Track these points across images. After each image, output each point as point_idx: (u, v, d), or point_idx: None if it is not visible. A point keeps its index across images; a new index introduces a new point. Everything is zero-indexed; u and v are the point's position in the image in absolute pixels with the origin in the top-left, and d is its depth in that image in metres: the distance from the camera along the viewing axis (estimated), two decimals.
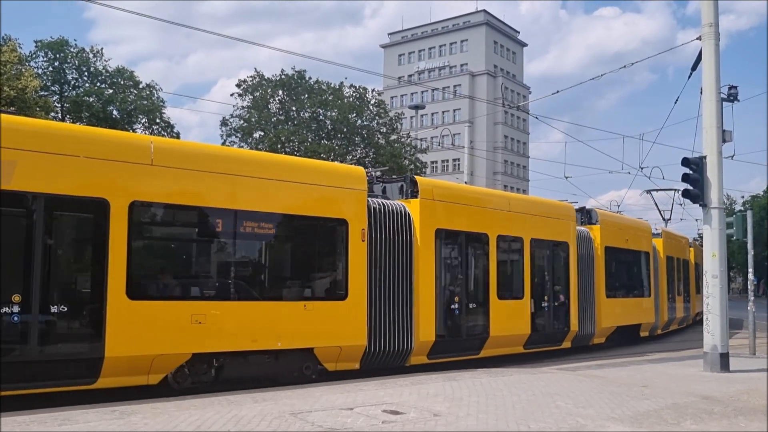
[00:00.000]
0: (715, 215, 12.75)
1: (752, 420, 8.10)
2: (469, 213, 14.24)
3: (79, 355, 8.75)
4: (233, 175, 10.25)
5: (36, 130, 8.84)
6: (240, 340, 10.08)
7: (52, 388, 8.57)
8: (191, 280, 10.17)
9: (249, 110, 50.75)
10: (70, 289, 9.06)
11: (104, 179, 8.98)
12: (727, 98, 13.71)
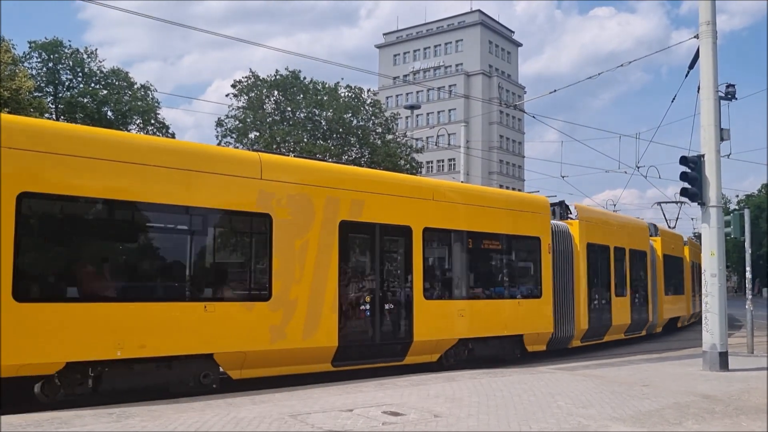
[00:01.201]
0: (713, 214, 12.73)
1: (754, 419, 8.06)
2: (603, 230, 18.41)
3: (397, 340, 12.31)
4: (473, 206, 13.97)
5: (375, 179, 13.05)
6: (489, 328, 14.00)
7: (379, 364, 11.95)
8: (455, 283, 13.70)
9: (244, 111, 50.64)
10: (394, 293, 12.57)
11: (409, 211, 12.65)
12: (724, 96, 13.68)
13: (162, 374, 9.45)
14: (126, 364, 9.05)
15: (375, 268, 12.18)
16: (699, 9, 13.09)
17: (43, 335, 8.30)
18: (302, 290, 10.80)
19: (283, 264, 10.56)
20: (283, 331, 10.48)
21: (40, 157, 8.54)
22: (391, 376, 11.16)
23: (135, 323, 9.02)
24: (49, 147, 8.63)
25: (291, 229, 10.73)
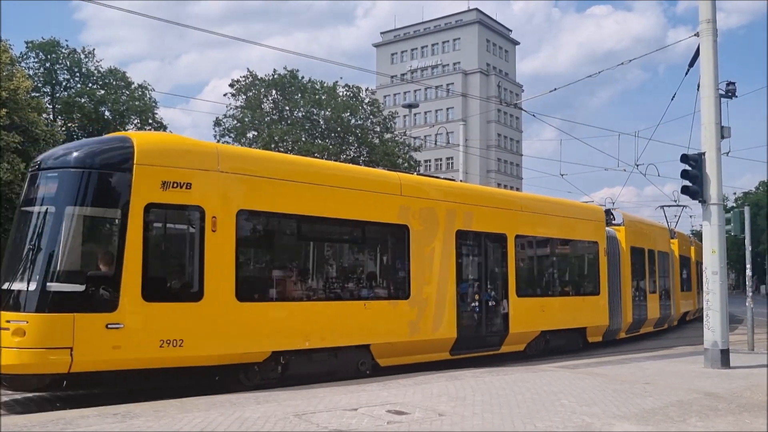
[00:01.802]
0: (714, 211, 12.75)
1: (757, 416, 8.08)
2: (641, 234, 20.73)
3: (496, 332, 14.17)
4: (549, 215, 16.11)
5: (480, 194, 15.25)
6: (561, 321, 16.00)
7: (483, 353, 13.79)
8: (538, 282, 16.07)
9: (242, 110, 50.60)
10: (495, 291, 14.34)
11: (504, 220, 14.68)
12: (725, 94, 13.69)
13: (331, 362, 11.07)
14: (307, 353, 10.68)
15: (481, 270, 14.19)
16: (699, 7, 13.11)
17: (256, 329, 10.03)
18: (431, 290, 12.66)
19: (417, 267, 12.45)
20: (418, 326, 12.35)
21: (252, 180, 10.23)
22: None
23: (318, 319, 10.86)
24: (256, 171, 10.34)
25: (422, 237, 12.61)
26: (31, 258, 8.80)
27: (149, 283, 8.95)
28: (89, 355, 8.45)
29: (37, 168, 9.49)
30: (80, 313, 8.45)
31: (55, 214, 8.91)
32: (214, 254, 9.52)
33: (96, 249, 9.31)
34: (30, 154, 26.37)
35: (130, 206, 8.93)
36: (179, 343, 9.05)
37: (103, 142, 9.96)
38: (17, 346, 8.20)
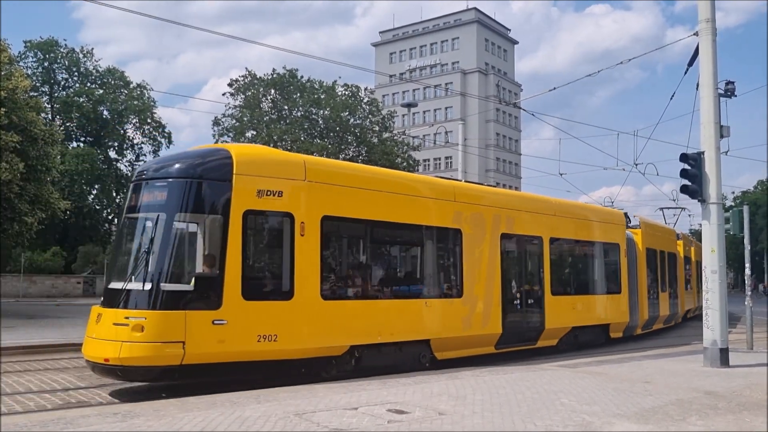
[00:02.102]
0: (713, 210, 12.76)
1: (757, 415, 8.09)
2: (654, 236, 21.88)
3: (534, 328, 15.19)
4: (578, 219, 17.36)
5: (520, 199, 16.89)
6: (589, 318, 17.29)
7: (522, 347, 14.82)
8: (568, 282, 17.13)
9: (241, 109, 50.53)
10: (532, 290, 15.33)
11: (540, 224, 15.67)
12: (724, 93, 13.70)
13: (397, 355, 11.99)
14: (377, 347, 11.58)
15: (521, 270, 15.33)
16: (698, 6, 13.10)
17: (338, 325, 10.98)
18: (480, 289, 13.69)
19: (469, 268, 13.43)
20: (470, 321, 13.40)
21: (333, 189, 11.14)
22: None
23: (388, 316, 11.85)
24: (336, 180, 11.31)
25: (473, 240, 13.59)
26: (144, 260, 9.63)
27: (248, 283, 9.84)
28: (198, 348, 9.32)
29: (145, 178, 10.40)
30: (190, 311, 9.36)
31: (166, 221, 9.82)
32: (302, 256, 10.43)
33: (201, 252, 10.27)
34: (28, 153, 26.34)
35: (230, 213, 9.78)
36: (274, 338, 9.98)
37: (205, 153, 10.62)
38: (137, 340, 9.04)
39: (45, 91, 55.15)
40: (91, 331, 9.71)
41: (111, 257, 10.69)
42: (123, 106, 56.61)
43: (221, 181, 9.89)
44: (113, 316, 9.42)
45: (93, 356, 9.42)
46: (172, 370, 9.28)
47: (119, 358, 9.02)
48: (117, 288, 9.72)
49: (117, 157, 59.54)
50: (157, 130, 59.59)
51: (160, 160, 11.34)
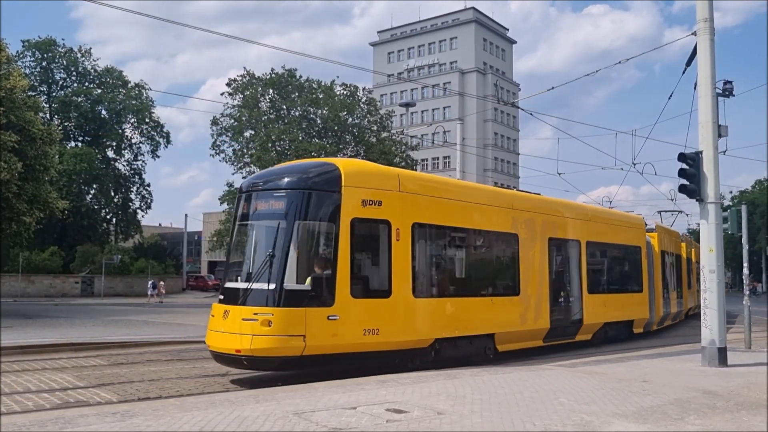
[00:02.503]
0: (711, 210, 12.77)
1: (755, 414, 8.10)
2: (667, 239, 23.54)
3: (574, 323, 16.57)
4: (608, 224, 19.03)
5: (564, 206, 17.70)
6: (617, 315, 18.64)
7: (563, 341, 16.20)
8: (600, 281, 18.44)
9: (239, 109, 50.46)
10: (572, 289, 16.73)
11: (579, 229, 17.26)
12: (722, 93, 13.69)
13: (468, 348, 13.23)
14: (453, 340, 12.80)
15: (564, 270, 16.56)
16: (696, 6, 13.11)
17: (426, 320, 12.31)
18: (533, 288, 14.99)
19: (524, 269, 14.73)
20: (525, 317, 14.71)
21: (420, 198, 12.49)
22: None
23: (464, 312, 13.15)
24: (423, 191, 12.63)
25: (527, 244, 14.91)
26: (268, 263, 10.66)
27: (354, 282, 10.97)
28: (316, 340, 10.47)
29: (262, 189, 11.64)
30: (309, 308, 10.52)
31: (286, 227, 10.91)
32: (397, 259, 11.67)
33: (316, 255, 11.21)
34: (27, 153, 26.31)
35: (340, 220, 10.95)
36: (376, 332, 11.18)
37: (316, 166, 11.89)
38: (265, 334, 10.18)
39: (43, 90, 55.13)
40: (218, 326, 10.82)
41: (228, 260, 12.35)
42: (121, 106, 56.59)
43: (332, 192, 11.07)
44: (242, 312, 10.51)
45: (222, 348, 10.61)
46: (292, 360, 10.47)
47: (250, 350, 10.19)
48: (242, 287, 10.95)
49: (115, 156, 59.58)
50: (155, 130, 59.58)
51: (271, 172, 12.53)
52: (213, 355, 11.08)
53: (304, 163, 12.67)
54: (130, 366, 13.00)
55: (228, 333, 10.56)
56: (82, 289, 48.70)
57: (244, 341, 10.25)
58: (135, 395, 9.82)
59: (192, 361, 13.76)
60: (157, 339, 17.69)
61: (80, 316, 26.70)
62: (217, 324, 10.86)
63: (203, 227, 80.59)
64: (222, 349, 10.64)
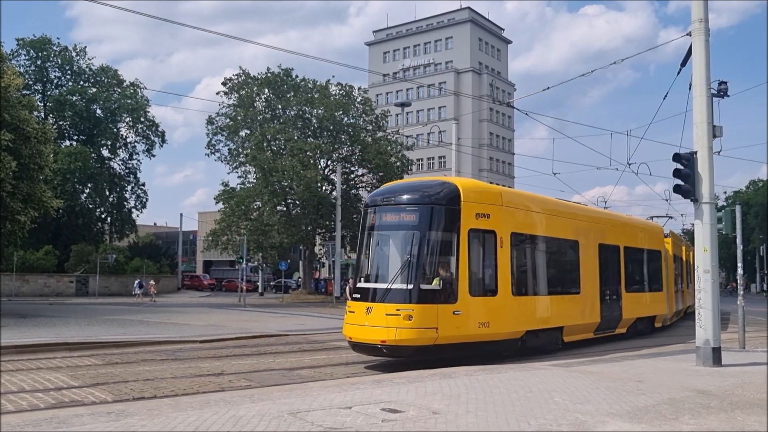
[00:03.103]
0: (706, 210, 12.79)
1: (749, 414, 8.12)
2: (675, 244, 25.64)
3: (616, 318, 18.65)
4: (639, 231, 21.48)
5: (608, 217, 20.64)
6: (644, 311, 21.00)
7: (608, 334, 18.39)
8: (632, 281, 20.28)
9: (235, 108, 50.41)
10: (615, 287, 18.81)
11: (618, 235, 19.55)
12: (717, 94, 13.72)
13: (544, 339, 15.29)
14: (536, 332, 14.93)
15: (608, 271, 18.31)
16: (692, 6, 13.13)
17: (521, 315, 14.41)
18: (588, 286, 17.20)
19: (583, 270, 17.00)
20: (584, 312, 16.97)
21: (517, 212, 14.72)
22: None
23: (546, 307, 15.47)
24: (519, 205, 15.00)
25: (585, 249, 17.18)
26: (406, 267, 12.53)
27: (471, 283, 13.06)
28: (445, 332, 12.46)
29: (394, 203, 13.54)
30: (440, 305, 12.48)
31: (420, 237, 12.83)
32: (502, 263, 13.68)
33: (441, 260, 12.92)
34: (21, 152, 26.21)
35: (460, 231, 12.95)
36: (487, 324, 13.23)
37: (440, 185, 13.67)
38: (407, 326, 12.09)
39: (38, 89, 54.95)
40: (361, 320, 12.65)
41: (360, 263, 14.05)
42: (116, 105, 56.44)
43: (454, 207, 13.03)
44: (385, 308, 12.36)
45: (367, 339, 12.55)
46: (426, 349, 12.45)
47: (394, 340, 12.15)
48: (382, 287, 12.68)
49: (110, 155, 59.39)
50: (150, 129, 59.43)
51: (399, 189, 14.13)
52: (353, 345, 13.13)
53: (429, 182, 14.34)
54: (124, 365, 12.97)
55: (372, 326, 12.41)
56: (77, 289, 48.56)
57: (390, 333, 12.17)
58: (130, 395, 9.79)
59: (187, 361, 13.73)
60: (152, 338, 17.66)
61: (75, 316, 26.62)
62: (360, 318, 12.71)
63: (198, 227, 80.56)
64: (367, 340, 12.54)
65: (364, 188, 52.50)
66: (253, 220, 47.63)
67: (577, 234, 16.96)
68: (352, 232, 49.52)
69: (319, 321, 26.39)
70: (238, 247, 43.94)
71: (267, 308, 36.05)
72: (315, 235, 51.00)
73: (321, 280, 59.24)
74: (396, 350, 12.45)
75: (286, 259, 49.44)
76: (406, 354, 12.58)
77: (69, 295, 47.27)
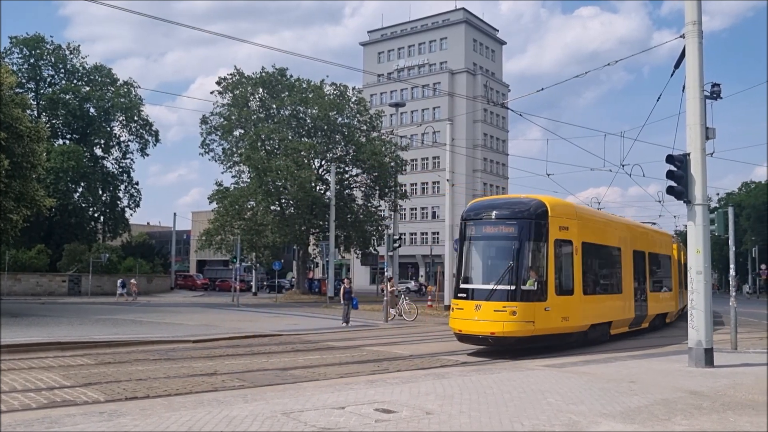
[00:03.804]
0: (699, 212, 12.85)
1: (741, 415, 8.16)
2: (680, 249, 28.19)
3: (643, 314, 21.05)
4: (659, 239, 24.91)
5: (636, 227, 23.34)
6: (659, 308, 23.20)
7: (636, 328, 20.78)
8: (652, 282, 22.50)
9: (229, 108, 50.30)
10: (642, 287, 21.02)
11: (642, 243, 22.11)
12: (710, 96, 13.76)
13: (597, 332, 17.58)
14: (595, 326, 17.29)
15: (638, 273, 20.61)
16: (685, 9, 13.19)
17: (588, 311, 16.85)
18: (627, 287, 19.69)
19: (624, 273, 19.53)
20: (624, 309, 19.51)
21: (585, 224, 17.24)
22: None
23: (603, 305, 18.11)
24: (586, 218, 17.75)
25: (624, 255, 19.75)
26: (509, 271, 15.11)
27: (556, 284, 15.61)
28: (539, 325, 15.05)
29: (495, 217, 15.99)
30: (536, 302, 15.06)
31: (518, 246, 15.41)
32: (576, 267, 16.33)
33: (535, 265, 15.45)
34: (14, 150, 26.09)
35: (549, 241, 15.55)
36: (567, 319, 15.88)
37: (531, 202, 16.03)
38: (512, 320, 14.74)
39: (31, 87, 54.69)
40: (471, 315, 15.21)
41: (461, 267, 16.39)
42: (109, 104, 56.22)
43: (544, 221, 15.59)
44: (494, 306, 14.98)
45: (477, 331, 15.15)
46: (524, 339, 15.05)
47: (502, 332, 14.76)
48: (488, 288, 15.23)
49: (103, 154, 59.15)
50: (144, 128, 59.20)
51: (495, 205, 16.64)
52: (461, 336, 15.64)
53: (521, 199, 16.70)
54: (117, 365, 12.92)
55: (482, 320, 15.01)
56: (70, 288, 48.35)
57: (497, 326, 14.78)
58: (122, 395, 9.74)
59: (180, 361, 13.68)
60: (144, 338, 17.60)
61: (67, 315, 26.52)
62: (469, 314, 15.26)
63: (192, 226, 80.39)
64: (476, 332, 15.16)
65: (358, 188, 52.48)
66: (247, 220, 47.54)
67: (620, 242, 19.70)
68: (345, 232, 49.49)
69: (313, 321, 26.36)
70: (232, 247, 43.83)
71: (260, 308, 35.97)
72: (309, 235, 50.95)
73: (315, 280, 59.13)
74: (502, 340, 15.01)
75: (280, 259, 49.28)
76: (509, 343, 15.10)
77: (61, 294, 47.06)
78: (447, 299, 33.99)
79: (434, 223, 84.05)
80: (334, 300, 36.63)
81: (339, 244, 48.68)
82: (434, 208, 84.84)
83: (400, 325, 24.95)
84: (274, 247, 47.95)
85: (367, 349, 16.17)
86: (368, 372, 11.92)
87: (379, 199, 52.03)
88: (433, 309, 34.13)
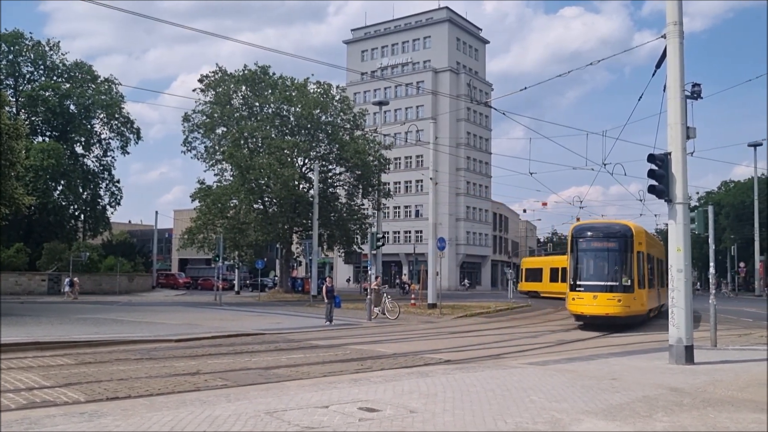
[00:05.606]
0: (680, 210, 12.97)
1: (720, 411, 8.25)
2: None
3: (653, 307, 27.43)
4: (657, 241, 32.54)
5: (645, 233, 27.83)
6: (664, 300, 25.63)
7: (654, 314, 28.27)
8: (663, 280, 26.25)
9: (211, 106, 49.97)
10: (652, 284, 26.08)
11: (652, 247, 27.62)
12: (690, 95, 13.89)
13: (651, 314, 26.15)
14: (650, 311, 25.47)
15: (643, 272, 23.79)
16: (666, 9, 13.29)
17: (648, 300, 24.27)
18: (656, 283, 26.17)
19: (656, 273, 26.23)
20: (654, 300, 25.87)
21: (646, 240, 24.60)
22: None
23: (652, 296, 25.27)
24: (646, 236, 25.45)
25: (654, 260, 25.80)
26: (615, 272, 22.72)
27: (639, 281, 22.81)
28: (631, 309, 22.49)
29: (601, 235, 23.74)
30: (629, 294, 22.33)
31: (619, 255, 22.99)
32: (645, 270, 23.50)
33: (627, 268, 22.60)
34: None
35: (634, 252, 22.85)
36: (643, 305, 23.47)
37: (622, 227, 23.95)
38: (617, 305, 22.19)
39: (9, 84, 54.04)
40: (590, 302, 22.54)
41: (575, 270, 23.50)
42: (90, 101, 55.71)
43: (631, 239, 23.09)
44: (606, 296, 22.35)
45: (596, 312, 22.43)
46: (624, 318, 22.37)
47: (614, 313, 22.11)
48: (601, 284, 22.69)
49: (84, 152, 58.59)
50: (125, 126, 58.74)
51: (599, 227, 24.74)
52: (578, 316, 23.63)
53: (616, 224, 24.96)
54: (98, 365, 12.79)
55: (599, 305, 22.33)
56: (49, 287, 47.85)
57: (610, 309, 22.18)
58: (103, 395, 9.64)
59: (162, 360, 13.58)
60: (126, 338, 17.46)
61: (47, 315, 26.24)
62: (588, 302, 22.58)
63: (174, 224, 79.84)
64: (594, 314, 22.45)
65: (342, 187, 52.39)
66: (230, 218, 47.30)
67: (651, 249, 25.43)
68: (329, 231, 49.39)
69: (296, 320, 26.29)
70: (215, 246, 43.58)
71: (243, 307, 35.82)
72: (292, 234, 50.80)
73: (298, 278, 59.00)
74: (612, 319, 22.27)
75: (263, 258, 49.10)
76: (615, 321, 22.35)
77: (41, 293, 46.58)
78: (431, 298, 34.10)
79: (417, 222, 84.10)
80: (318, 299, 36.56)
81: (322, 243, 48.58)
82: (417, 207, 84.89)
83: (383, 323, 24.96)
84: (257, 245, 47.76)
85: (351, 348, 16.15)
86: (352, 371, 11.91)
87: (363, 198, 51.98)
88: (416, 307, 34.15)
